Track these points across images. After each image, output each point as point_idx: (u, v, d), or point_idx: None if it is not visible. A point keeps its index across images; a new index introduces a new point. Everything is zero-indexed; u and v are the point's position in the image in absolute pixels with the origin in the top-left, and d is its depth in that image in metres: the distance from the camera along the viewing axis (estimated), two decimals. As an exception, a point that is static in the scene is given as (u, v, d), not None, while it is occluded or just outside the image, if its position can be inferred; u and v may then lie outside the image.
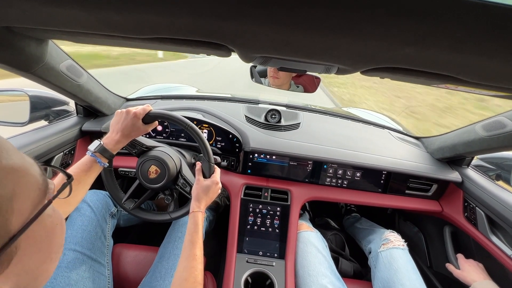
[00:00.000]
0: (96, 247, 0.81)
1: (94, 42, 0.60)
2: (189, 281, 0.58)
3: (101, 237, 0.85)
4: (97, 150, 0.69)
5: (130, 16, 0.37)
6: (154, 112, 0.76)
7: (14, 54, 0.61)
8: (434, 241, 1.23)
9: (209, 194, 0.76)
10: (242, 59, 0.55)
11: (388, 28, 0.31)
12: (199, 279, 0.60)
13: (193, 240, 0.66)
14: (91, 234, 0.81)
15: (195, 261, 0.62)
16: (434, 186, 1.10)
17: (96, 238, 0.82)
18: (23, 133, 0.90)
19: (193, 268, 0.61)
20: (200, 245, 0.66)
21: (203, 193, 0.75)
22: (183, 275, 0.60)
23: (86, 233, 0.80)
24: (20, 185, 0.27)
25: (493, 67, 0.38)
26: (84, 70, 0.92)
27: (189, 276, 0.59)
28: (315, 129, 1.21)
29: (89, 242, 0.79)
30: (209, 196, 0.76)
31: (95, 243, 0.81)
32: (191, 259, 0.62)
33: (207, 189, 0.76)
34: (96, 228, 0.84)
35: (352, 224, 1.37)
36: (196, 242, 0.66)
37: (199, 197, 0.75)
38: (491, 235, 0.90)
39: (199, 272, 0.61)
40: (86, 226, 0.82)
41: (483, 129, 0.91)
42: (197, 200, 0.75)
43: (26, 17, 0.44)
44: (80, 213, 0.84)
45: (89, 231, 0.82)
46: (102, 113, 1.13)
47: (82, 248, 0.77)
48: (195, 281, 0.59)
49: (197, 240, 0.66)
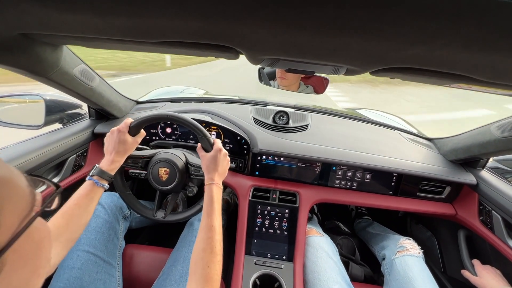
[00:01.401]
0: (109, 249, 0.83)
1: (107, 47, 0.61)
2: (206, 251, 0.59)
3: (113, 239, 0.86)
4: (95, 173, 0.70)
5: (141, 21, 0.38)
6: (135, 122, 0.77)
7: (31, 59, 0.64)
8: (448, 245, 1.19)
9: (217, 162, 0.76)
10: (250, 61, 0.56)
11: (398, 27, 0.30)
12: (217, 249, 0.60)
13: (209, 211, 0.67)
14: (104, 235, 0.83)
15: (212, 232, 0.62)
16: (448, 189, 1.07)
17: (109, 240, 0.84)
18: (39, 136, 0.93)
19: (210, 238, 0.61)
20: (216, 216, 0.66)
21: (211, 164, 0.76)
22: (201, 245, 0.60)
23: (100, 235, 0.82)
24: (6, 197, 0.26)
25: (507, 66, 0.37)
26: (96, 74, 0.95)
27: (207, 246, 0.60)
28: (324, 130, 1.20)
29: (102, 244, 0.81)
30: (218, 164, 0.76)
31: (108, 244, 0.83)
32: (207, 229, 0.63)
33: (213, 159, 0.76)
34: (110, 230, 0.86)
35: (363, 228, 1.35)
36: (212, 213, 0.66)
37: (209, 169, 0.76)
38: (508, 239, 0.87)
39: (216, 242, 0.61)
40: (100, 228, 0.84)
41: (498, 130, 0.88)
42: (208, 172, 0.75)
43: (42, 24, 0.46)
44: (94, 215, 0.86)
45: (102, 232, 0.83)
46: (114, 115, 1.16)
47: (96, 249, 0.78)
48: (212, 251, 0.59)
49: (212, 211, 0.67)
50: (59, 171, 0.95)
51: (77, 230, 0.63)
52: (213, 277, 0.55)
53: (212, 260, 0.58)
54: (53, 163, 0.90)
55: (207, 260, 0.57)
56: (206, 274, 0.55)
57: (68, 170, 0.97)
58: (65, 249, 0.59)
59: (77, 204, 0.64)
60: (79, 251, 0.76)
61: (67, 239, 0.60)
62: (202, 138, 0.79)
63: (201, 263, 0.57)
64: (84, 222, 0.65)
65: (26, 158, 0.80)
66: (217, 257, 0.59)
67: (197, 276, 0.55)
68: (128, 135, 0.76)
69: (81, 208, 0.64)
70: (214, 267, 0.57)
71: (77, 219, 0.63)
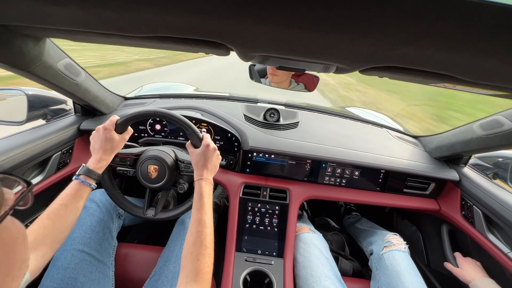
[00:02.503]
0: (103, 248, 0.81)
1: (92, 41, 0.59)
2: (196, 245, 0.59)
3: (108, 238, 0.85)
4: (81, 172, 0.68)
5: (128, 14, 0.37)
6: (121, 119, 0.76)
7: (12, 52, 0.61)
8: (432, 239, 1.24)
9: (206, 158, 0.75)
10: (241, 58, 0.55)
11: (386, 27, 0.31)
12: (207, 243, 0.60)
13: (198, 206, 0.67)
14: (99, 235, 0.82)
15: (201, 226, 0.63)
16: (432, 185, 1.11)
17: (104, 239, 0.83)
18: (20, 132, 0.90)
19: (200, 232, 0.61)
20: (205, 211, 0.66)
21: (199, 160, 0.75)
22: (191, 239, 0.61)
23: (95, 234, 0.81)
24: None
25: (490, 67, 0.38)
26: (82, 69, 0.91)
27: (197, 240, 0.60)
28: (314, 128, 1.21)
29: (97, 244, 0.80)
30: (207, 160, 0.75)
31: (102, 244, 0.82)
32: (197, 223, 0.63)
33: (202, 155, 0.75)
34: (104, 229, 0.85)
35: (352, 224, 1.38)
36: (201, 208, 0.66)
37: (198, 165, 0.75)
38: (488, 233, 0.91)
39: (206, 236, 0.61)
40: (95, 227, 0.82)
41: (480, 128, 0.91)
42: (197, 168, 0.75)
43: (23, 16, 0.44)
44: (89, 213, 0.84)
45: (97, 232, 0.82)
46: (101, 112, 1.13)
47: (90, 249, 0.77)
48: (201, 245, 0.59)
49: (202, 206, 0.67)
50: (42, 169, 0.92)
51: (63, 230, 0.61)
52: (204, 269, 0.56)
53: (202, 253, 0.58)
54: (36, 160, 0.86)
55: (197, 253, 0.58)
56: (197, 266, 0.56)
57: (52, 168, 0.94)
58: (51, 251, 0.58)
59: (63, 204, 0.62)
60: (74, 251, 0.74)
61: (53, 240, 0.58)
62: (191, 133, 0.78)
63: (191, 257, 0.57)
64: (71, 223, 0.64)
65: (7, 156, 0.76)
66: (207, 250, 0.59)
67: (188, 269, 0.56)
68: (115, 132, 0.75)
69: (67, 209, 0.62)
70: (204, 260, 0.57)
71: (64, 220, 0.61)
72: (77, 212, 0.66)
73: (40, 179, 0.89)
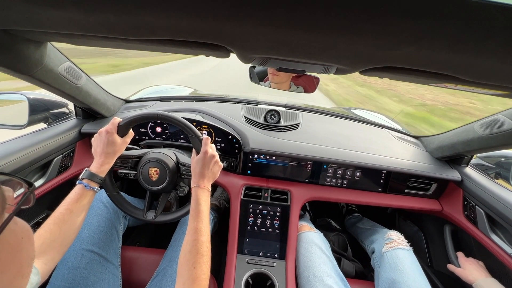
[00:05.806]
0: (111, 248, 0.82)
1: (92, 44, 0.60)
2: (192, 253, 0.59)
3: (115, 239, 0.86)
4: (85, 176, 0.69)
5: (128, 18, 0.37)
6: (124, 121, 0.76)
7: (13, 57, 0.61)
8: (435, 240, 1.23)
9: (203, 165, 0.74)
10: (241, 60, 0.55)
11: (385, 27, 0.31)
12: (202, 251, 0.60)
13: (194, 215, 0.67)
14: (107, 235, 0.83)
15: (197, 234, 0.63)
16: (434, 185, 1.10)
17: (111, 239, 0.84)
18: (22, 136, 0.90)
19: (195, 240, 0.61)
20: (202, 218, 0.66)
21: (196, 167, 0.75)
22: (187, 248, 0.61)
23: (103, 234, 0.82)
24: None
25: (491, 66, 0.38)
26: (83, 72, 0.92)
27: (193, 248, 0.60)
28: (315, 129, 1.21)
29: (105, 244, 0.81)
30: (204, 167, 0.74)
31: (110, 244, 0.82)
32: (193, 232, 0.63)
33: (199, 162, 0.75)
34: (112, 230, 0.86)
35: (354, 224, 1.37)
36: (197, 216, 0.66)
37: (195, 172, 0.75)
38: (491, 233, 0.90)
39: (202, 244, 0.61)
40: (103, 227, 0.83)
41: (481, 128, 0.91)
42: (194, 175, 0.75)
43: (24, 20, 0.44)
44: (97, 213, 0.85)
45: (105, 232, 0.83)
46: (101, 115, 1.13)
47: (99, 249, 0.78)
48: (198, 253, 0.59)
49: (198, 214, 0.67)
50: (44, 172, 0.92)
51: (70, 235, 0.63)
52: (200, 277, 0.56)
53: (198, 261, 0.58)
54: (37, 164, 0.87)
55: (193, 261, 0.58)
56: (193, 274, 0.56)
57: (54, 171, 0.94)
58: (59, 254, 0.59)
59: (68, 209, 0.63)
60: (83, 251, 0.75)
61: (61, 244, 0.59)
62: (192, 137, 0.78)
63: (188, 265, 0.57)
64: (77, 227, 0.65)
65: (8, 160, 0.77)
66: (203, 258, 0.59)
67: (185, 277, 0.56)
68: (117, 135, 0.75)
69: (72, 213, 0.63)
70: (200, 268, 0.57)
71: (70, 225, 0.62)
72: (82, 217, 0.67)
73: (42, 182, 0.90)
